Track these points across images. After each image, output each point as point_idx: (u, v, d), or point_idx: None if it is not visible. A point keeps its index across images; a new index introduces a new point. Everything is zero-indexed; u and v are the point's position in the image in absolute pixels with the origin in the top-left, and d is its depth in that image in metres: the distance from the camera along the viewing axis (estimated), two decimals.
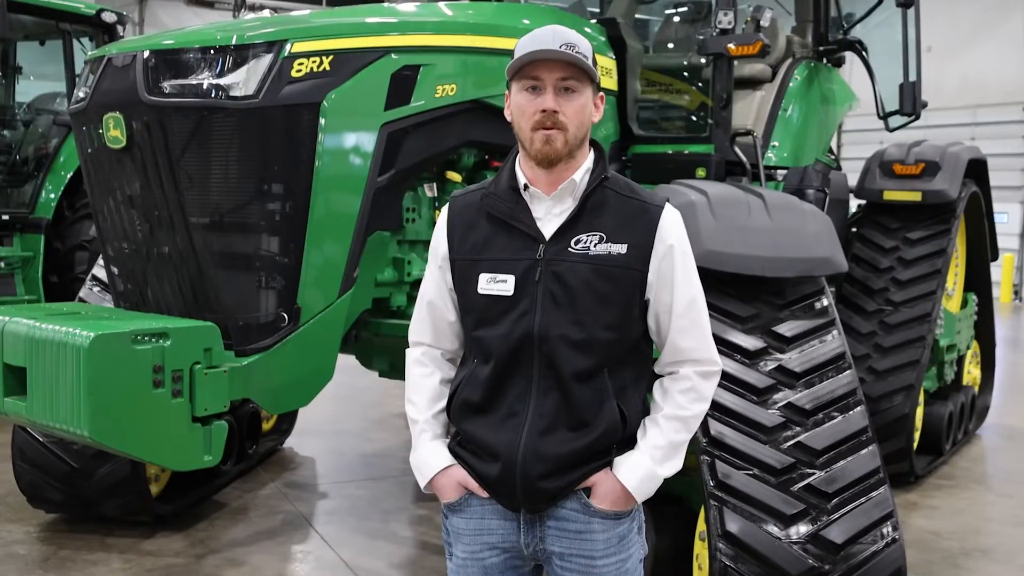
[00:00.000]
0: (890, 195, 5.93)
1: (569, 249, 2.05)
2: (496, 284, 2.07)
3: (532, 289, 2.05)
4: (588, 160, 2.12)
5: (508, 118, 2.13)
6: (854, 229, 6.16)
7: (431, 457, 2.19)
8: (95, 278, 4.83)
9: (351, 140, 3.49)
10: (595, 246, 2.05)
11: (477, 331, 2.12)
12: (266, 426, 6.12)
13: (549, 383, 2.06)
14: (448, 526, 2.21)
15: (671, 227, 2.09)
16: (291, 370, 3.44)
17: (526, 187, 2.11)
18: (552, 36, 2.01)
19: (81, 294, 4.84)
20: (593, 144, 2.16)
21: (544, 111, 2.02)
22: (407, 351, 2.31)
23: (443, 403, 2.22)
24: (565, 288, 2.04)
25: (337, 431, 6.94)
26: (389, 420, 7.37)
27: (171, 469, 4.12)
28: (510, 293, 2.06)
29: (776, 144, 5.36)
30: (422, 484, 2.21)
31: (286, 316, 3.40)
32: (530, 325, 2.04)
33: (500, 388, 2.09)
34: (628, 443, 2.12)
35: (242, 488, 5.48)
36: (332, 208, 3.45)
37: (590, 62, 2.03)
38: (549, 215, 2.09)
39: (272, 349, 3.37)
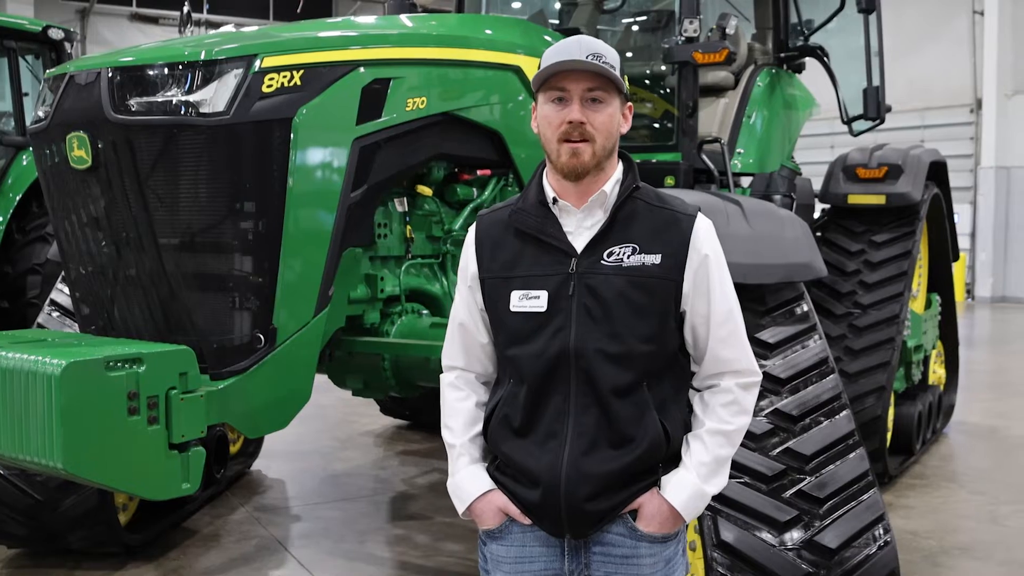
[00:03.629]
0: (855, 199, 5.99)
1: (602, 262, 2.01)
2: (529, 301, 2.03)
3: (566, 304, 2.00)
4: (617, 171, 2.09)
5: (535, 130, 2.09)
6: (819, 233, 6.20)
7: (469, 482, 2.12)
8: (54, 303, 4.67)
9: (324, 155, 3.42)
10: (628, 257, 2.01)
11: (510, 350, 2.07)
12: (233, 449, 5.98)
13: (587, 400, 2.00)
14: (486, 553, 2.14)
15: (705, 237, 2.07)
16: (269, 392, 3.35)
17: (555, 200, 2.06)
18: (578, 46, 1.98)
19: (40, 320, 4.68)
20: (622, 155, 2.12)
21: (571, 122, 1.98)
22: (441, 376, 2.25)
23: (479, 427, 2.16)
24: (600, 301, 1.99)
25: (305, 452, 6.81)
26: (356, 439, 7.27)
27: (149, 499, 3.98)
28: (543, 309, 2.01)
29: (741, 151, 5.39)
30: (460, 510, 2.14)
31: (262, 337, 3.31)
32: (566, 341, 1.99)
33: (537, 408, 2.04)
34: (673, 460, 2.07)
35: (212, 514, 5.33)
36: (306, 225, 3.37)
37: (617, 72, 1.99)
38: (580, 228, 2.05)
39: (249, 371, 3.27)
